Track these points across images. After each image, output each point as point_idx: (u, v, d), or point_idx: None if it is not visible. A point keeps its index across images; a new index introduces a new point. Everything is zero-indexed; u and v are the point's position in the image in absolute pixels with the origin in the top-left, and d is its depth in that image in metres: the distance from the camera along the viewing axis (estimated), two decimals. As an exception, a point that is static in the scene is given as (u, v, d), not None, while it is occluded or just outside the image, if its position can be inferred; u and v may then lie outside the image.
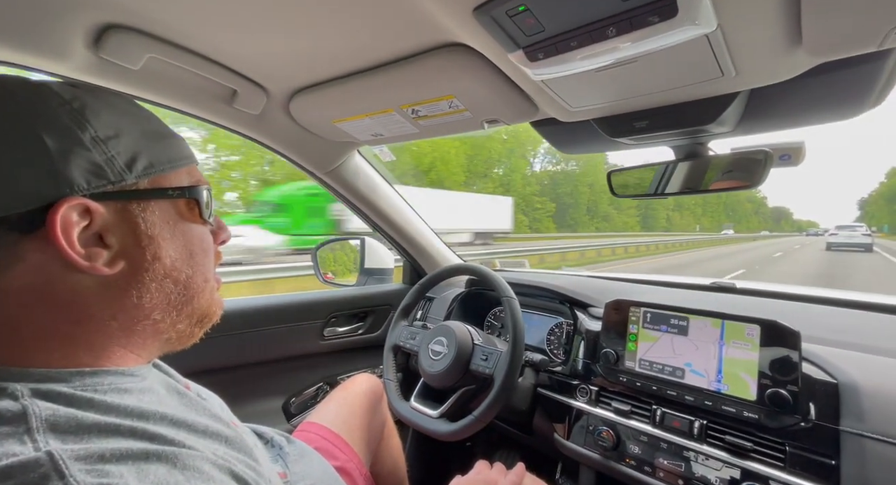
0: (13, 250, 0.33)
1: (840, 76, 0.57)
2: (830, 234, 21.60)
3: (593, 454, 0.82)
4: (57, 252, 0.33)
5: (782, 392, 0.63)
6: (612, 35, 0.47)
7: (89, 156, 0.35)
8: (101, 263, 0.35)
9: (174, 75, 0.73)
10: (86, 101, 0.36)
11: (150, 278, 0.38)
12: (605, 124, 0.76)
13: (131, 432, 0.31)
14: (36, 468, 0.25)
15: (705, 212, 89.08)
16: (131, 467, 0.29)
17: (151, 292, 0.38)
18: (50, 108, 0.34)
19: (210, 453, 0.35)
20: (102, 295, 0.36)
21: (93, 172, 0.35)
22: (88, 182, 0.34)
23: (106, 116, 0.37)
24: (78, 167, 0.34)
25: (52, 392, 0.31)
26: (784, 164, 0.70)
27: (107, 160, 0.35)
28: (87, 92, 0.38)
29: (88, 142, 0.35)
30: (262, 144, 1.00)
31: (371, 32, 0.62)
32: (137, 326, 0.39)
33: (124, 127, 0.38)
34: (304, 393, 1.20)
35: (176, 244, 0.40)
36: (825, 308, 0.90)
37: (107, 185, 0.35)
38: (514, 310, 0.86)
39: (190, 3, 0.56)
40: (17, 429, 0.28)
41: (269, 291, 5.28)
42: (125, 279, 0.37)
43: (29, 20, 0.57)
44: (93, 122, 0.36)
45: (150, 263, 0.38)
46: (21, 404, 0.29)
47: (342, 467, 0.73)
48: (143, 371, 0.39)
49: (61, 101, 0.35)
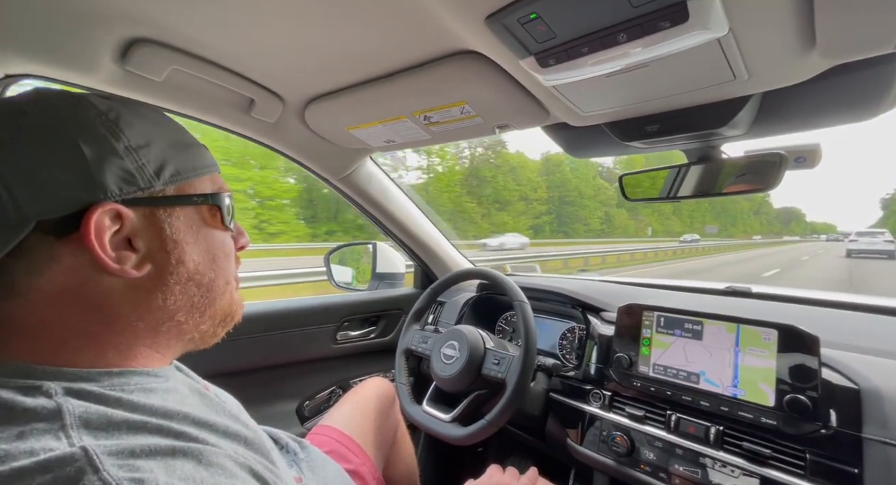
0: (49, 253, 0.34)
1: (855, 78, 0.56)
2: (850, 240, 20.97)
3: (607, 460, 0.81)
4: (89, 255, 0.35)
5: (801, 398, 0.62)
6: (624, 41, 0.47)
7: (122, 164, 0.36)
8: (129, 266, 0.37)
9: (195, 86, 0.75)
10: (120, 113, 0.38)
11: (175, 281, 0.40)
12: (617, 128, 0.76)
13: (158, 429, 0.33)
14: (72, 463, 0.27)
15: (677, 211, 66.86)
16: (160, 463, 0.30)
17: (175, 295, 0.40)
18: (87, 119, 0.36)
19: (231, 451, 0.36)
20: (130, 297, 0.38)
21: (125, 179, 0.36)
22: (120, 188, 0.36)
23: (138, 127, 0.39)
24: (112, 174, 0.36)
25: (83, 391, 0.33)
26: (799, 166, 0.69)
27: (138, 168, 0.37)
28: (122, 104, 0.40)
29: (122, 150, 0.37)
30: (278, 151, 1.03)
31: (384, 42, 0.64)
32: (162, 327, 0.40)
33: (154, 137, 0.39)
34: (317, 396, 1.21)
35: (199, 248, 0.42)
36: (843, 313, 0.88)
37: (137, 191, 0.37)
38: (526, 314, 0.86)
39: (212, 16, 0.59)
40: (52, 425, 0.29)
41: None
42: (151, 282, 0.38)
43: (60, 36, 0.60)
44: (126, 132, 0.37)
45: (174, 266, 0.40)
46: (55, 401, 0.30)
47: (355, 471, 0.74)
48: (166, 372, 0.41)
49: (98, 112, 0.37)
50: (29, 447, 0.27)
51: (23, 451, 0.27)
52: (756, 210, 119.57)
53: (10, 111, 0.35)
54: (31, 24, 0.57)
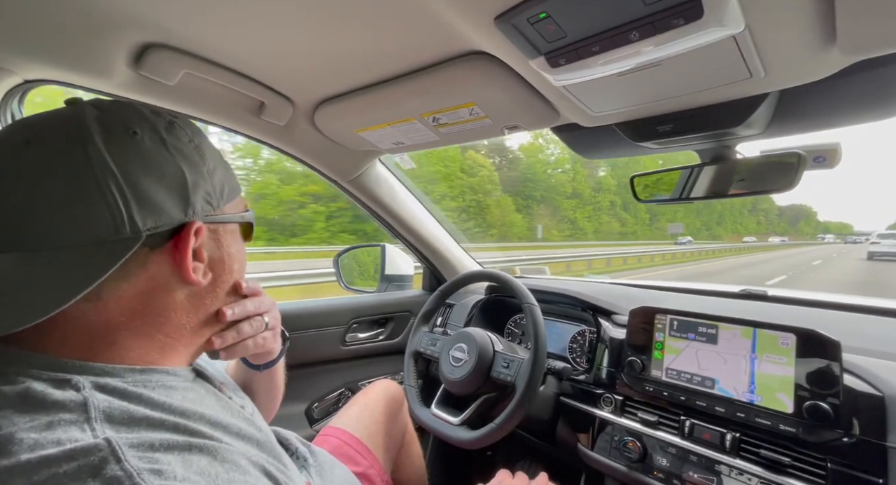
0: (141, 262, 0.37)
1: (876, 75, 0.54)
2: (872, 242, 20.39)
3: (619, 466, 0.80)
4: (171, 265, 0.38)
5: (822, 405, 0.60)
6: (636, 39, 0.47)
7: (206, 186, 0.41)
8: (199, 275, 0.40)
9: (206, 89, 0.76)
10: (195, 132, 0.42)
11: (222, 289, 0.45)
12: (628, 129, 0.75)
13: (175, 427, 0.34)
14: (96, 452, 0.28)
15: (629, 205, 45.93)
16: (177, 457, 0.31)
17: (220, 300, 0.45)
18: (182, 143, 0.40)
19: (244, 450, 0.37)
20: (189, 303, 0.41)
21: (206, 200, 0.41)
22: (203, 208, 0.40)
23: (209, 151, 0.43)
24: (199, 196, 0.40)
25: (108, 386, 0.34)
26: (818, 166, 0.67)
27: (214, 189, 0.42)
28: (190, 124, 0.43)
29: (206, 174, 0.41)
30: (288, 153, 1.03)
31: (393, 44, 0.64)
32: (204, 329, 0.44)
33: (217, 160, 0.44)
34: (326, 398, 1.21)
35: (239, 259, 0.46)
36: (865, 317, 0.85)
37: (212, 210, 0.41)
38: (536, 316, 0.85)
39: (223, 21, 0.59)
40: (78, 417, 0.30)
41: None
42: (206, 289, 0.42)
43: (76, 42, 0.61)
44: (206, 156, 0.42)
45: (226, 275, 0.44)
46: (83, 395, 0.32)
47: (364, 473, 0.73)
48: (185, 372, 0.42)
49: (188, 137, 0.41)
50: (56, 437, 0.28)
51: (51, 440, 0.28)
52: (752, 207, 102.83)
53: (125, 130, 0.37)
54: (47, 30, 0.59)
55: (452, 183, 27.09)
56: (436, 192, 24.15)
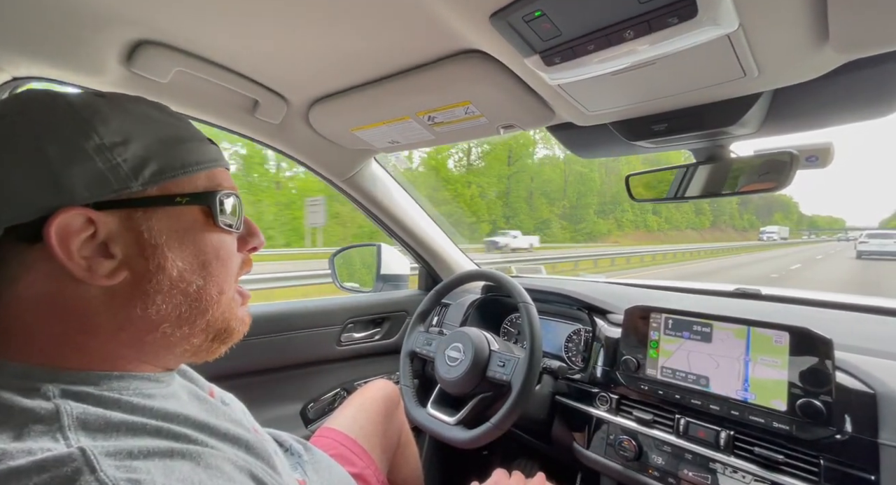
0: (21, 260, 0.33)
1: (868, 74, 0.55)
2: (860, 241, 20.62)
3: (614, 464, 0.80)
4: (61, 262, 0.33)
5: (815, 403, 0.60)
6: (630, 38, 0.47)
7: (91, 165, 0.34)
8: (102, 273, 0.34)
9: (200, 87, 0.75)
10: (98, 109, 0.36)
11: (155, 290, 0.36)
12: (623, 128, 0.75)
13: (157, 431, 0.32)
14: (69, 463, 0.26)
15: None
16: (158, 464, 0.30)
17: (157, 304, 0.37)
18: (55, 119, 0.34)
19: (232, 454, 0.35)
20: (108, 305, 0.35)
21: (95, 181, 0.34)
22: (90, 191, 0.34)
23: (116, 123, 0.36)
24: (79, 177, 0.33)
25: (81, 393, 0.32)
26: (811, 165, 0.68)
27: (110, 168, 0.34)
28: (107, 100, 0.37)
29: (92, 150, 0.34)
30: (283, 152, 1.03)
31: (388, 42, 0.63)
32: (147, 338, 0.37)
33: (136, 133, 0.36)
34: (321, 398, 1.20)
35: (185, 253, 0.38)
36: (857, 315, 0.86)
37: (109, 193, 0.34)
38: (532, 316, 0.85)
39: (216, 18, 0.59)
40: (50, 427, 0.29)
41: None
42: (129, 290, 0.36)
43: (66, 39, 0.60)
44: (99, 129, 0.35)
45: (153, 273, 0.36)
46: (54, 403, 0.30)
47: (360, 474, 0.73)
48: (167, 377, 0.40)
49: (71, 111, 0.35)
50: (27, 447, 0.27)
51: (20, 450, 0.26)
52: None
53: None
54: (36, 27, 0.58)
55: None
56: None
